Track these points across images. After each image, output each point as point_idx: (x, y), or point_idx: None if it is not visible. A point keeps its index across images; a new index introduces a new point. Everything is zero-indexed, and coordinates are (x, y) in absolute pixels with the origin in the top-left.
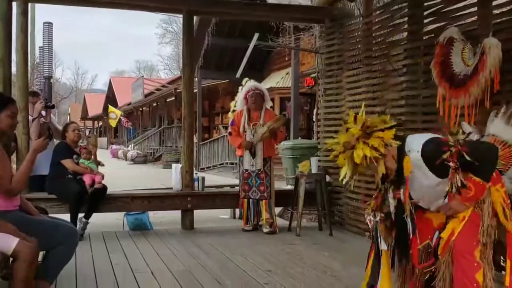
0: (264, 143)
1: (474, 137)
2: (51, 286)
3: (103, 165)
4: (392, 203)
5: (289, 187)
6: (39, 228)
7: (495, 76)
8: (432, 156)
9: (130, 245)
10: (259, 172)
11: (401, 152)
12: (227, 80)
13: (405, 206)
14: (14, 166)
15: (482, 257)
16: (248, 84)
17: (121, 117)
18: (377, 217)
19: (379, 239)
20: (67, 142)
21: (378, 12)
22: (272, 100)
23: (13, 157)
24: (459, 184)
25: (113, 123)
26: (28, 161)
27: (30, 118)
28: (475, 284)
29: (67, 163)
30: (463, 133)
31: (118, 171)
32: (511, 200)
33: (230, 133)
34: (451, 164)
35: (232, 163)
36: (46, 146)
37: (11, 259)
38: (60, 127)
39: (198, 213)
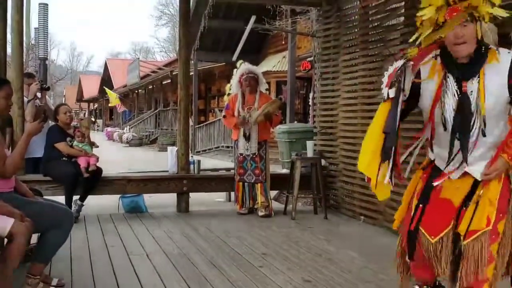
0: (259, 127)
1: None
2: (46, 268)
3: (97, 146)
4: (452, 96)
5: (285, 170)
6: (34, 210)
7: None
8: None
9: (125, 228)
10: (254, 155)
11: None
12: (224, 63)
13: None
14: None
15: (505, 229)
16: (242, 67)
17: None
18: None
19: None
20: (59, 125)
21: None
22: (268, 83)
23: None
24: None
25: (114, 101)
26: (22, 144)
27: (25, 99)
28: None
29: (61, 146)
30: None
31: (113, 154)
32: None
33: (224, 116)
34: None
35: (228, 147)
36: (41, 129)
37: (5, 241)
38: None
39: (193, 196)
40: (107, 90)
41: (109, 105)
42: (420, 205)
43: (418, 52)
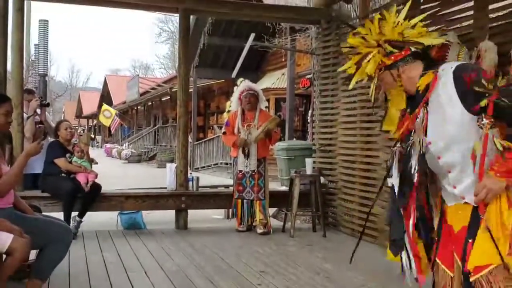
0: (258, 144)
1: None
2: (44, 285)
3: (96, 162)
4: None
5: (284, 188)
6: (33, 226)
7: None
8: (464, 73)
9: (123, 244)
10: (253, 173)
11: (429, 69)
12: (223, 80)
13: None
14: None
15: None
16: (243, 84)
17: (116, 116)
18: (395, 147)
19: (391, 170)
20: (60, 141)
21: (374, 14)
22: (268, 100)
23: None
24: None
25: (106, 122)
26: (19, 163)
27: (25, 116)
28: None
29: (60, 162)
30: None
31: (112, 170)
32: None
33: (224, 133)
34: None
35: (226, 163)
36: (40, 150)
37: (3, 257)
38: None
39: (192, 213)
40: (104, 106)
41: (100, 120)
42: (436, 238)
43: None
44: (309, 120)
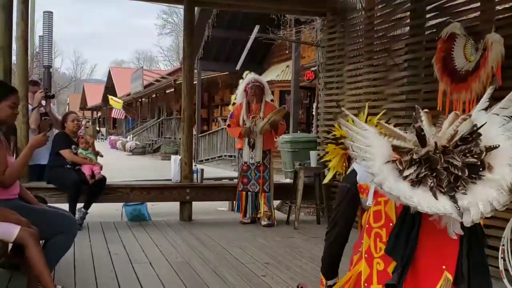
0: (264, 136)
1: None
2: None
3: (101, 155)
4: None
5: (288, 180)
6: (38, 217)
7: (496, 71)
8: None
9: (128, 236)
10: (259, 165)
11: None
12: (227, 72)
13: None
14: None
15: None
16: (249, 76)
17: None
18: None
19: None
20: (66, 132)
21: (380, 6)
22: (272, 93)
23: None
24: None
25: (118, 105)
26: (24, 155)
27: (30, 107)
28: None
29: (66, 153)
30: None
31: (116, 162)
32: None
33: (228, 125)
34: None
35: (230, 156)
36: (45, 142)
37: (9, 247)
38: (59, 117)
39: (196, 205)
40: (110, 98)
41: (112, 105)
42: None
43: None
44: (313, 113)
